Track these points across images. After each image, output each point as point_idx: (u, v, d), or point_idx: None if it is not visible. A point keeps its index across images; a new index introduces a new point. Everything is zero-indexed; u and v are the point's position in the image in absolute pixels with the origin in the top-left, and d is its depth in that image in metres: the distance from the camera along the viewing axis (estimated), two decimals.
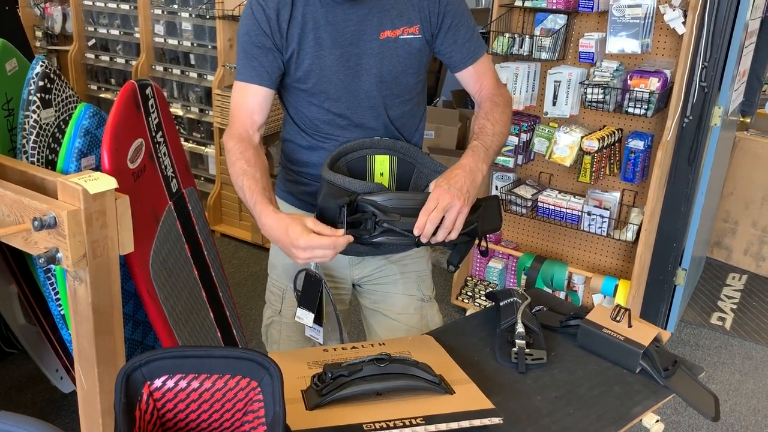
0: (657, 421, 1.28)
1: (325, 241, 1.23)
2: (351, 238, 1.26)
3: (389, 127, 1.51)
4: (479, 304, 3.08)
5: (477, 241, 1.42)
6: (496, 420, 1.11)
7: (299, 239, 1.23)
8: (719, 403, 1.33)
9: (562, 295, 2.92)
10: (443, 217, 1.28)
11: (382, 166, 1.46)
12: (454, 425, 1.07)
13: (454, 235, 1.31)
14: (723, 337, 3.12)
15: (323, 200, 1.35)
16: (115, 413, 0.91)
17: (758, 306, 3.41)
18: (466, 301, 3.15)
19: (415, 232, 1.27)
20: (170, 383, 0.95)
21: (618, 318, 1.42)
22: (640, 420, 1.26)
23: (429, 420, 1.07)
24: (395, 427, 1.05)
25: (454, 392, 1.17)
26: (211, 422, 0.98)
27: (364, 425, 1.05)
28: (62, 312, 1.64)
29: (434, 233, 1.29)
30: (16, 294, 2.14)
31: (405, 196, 1.32)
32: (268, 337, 1.72)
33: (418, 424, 1.06)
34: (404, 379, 1.15)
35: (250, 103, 1.44)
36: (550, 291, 2.86)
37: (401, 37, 1.44)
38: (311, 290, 1.49)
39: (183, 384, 0.95)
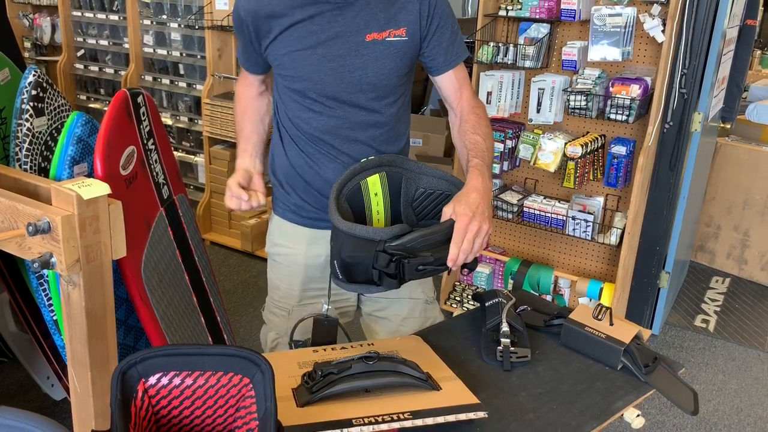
0: (638, 415, 1.32)
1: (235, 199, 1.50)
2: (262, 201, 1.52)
3: (375, 131, 1.54)
4: (467, 308, 3.12)
5: None
6: (481, 414, 1.14)
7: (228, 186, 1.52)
8: (698, 397, 1.37)
9: (548, 298, 2.96)
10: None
11: (374, 186, 1.47)
12: (440, 419, 1.10)
13: (478, 254, 1.32)
14: (706, 338, 3.17)
15: (351, 256, 1.30)
16: (111, 410, 0.93)
17: (741, 308, 3.48)
18: (455, 305, 3.18)
19: (449, 265, 1.27)
20: (164, 380, 0.97)
21: (600, 317, 1.46)
22: (622, 414, 1.30)
23: (416, 414, 1.10)
24: (383, 421, 1.08)
25: (441, 388, 1.21)
26: (204, 418, 1.00)
27: (353, 420, 1.08)
28: (55, 318, 1.65)
29: None
30: (7, 301, 2.15)
31: (431, 232, 1.29)
32: None
33: (405, 419, 1.09)
34: (392, 376, 1.18)
35: (248, 79, 1.66)
36: (541, 296, 2.90)
37: (387, 39, 1.46)
38: (324, 334, 1.47)
39: (177, 381, 0.98)
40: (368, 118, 1.52)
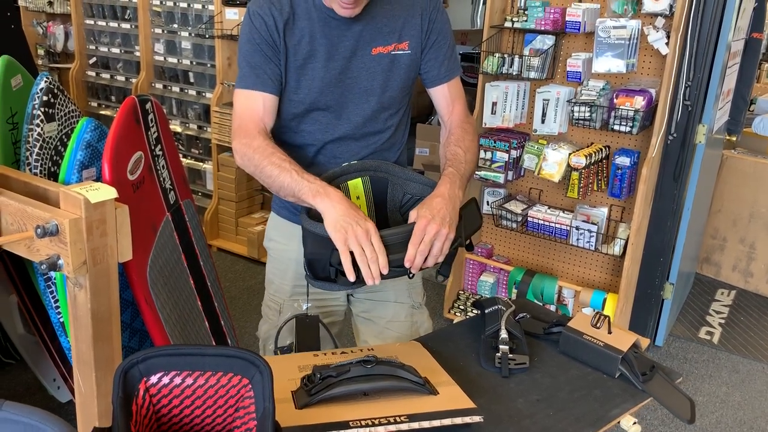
0: (634, 423, 1.33)
1: (381, 247, 1.25)
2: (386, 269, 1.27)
3: (376, 140, 1.56)
4: (470, 317, 3.12)
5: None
6: (476, 418, 1.16)
7: (367, 222, 1.25)
8: (695, 406, 1.38)
9: (552, 308, 2.97)
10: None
11: (356, 189, 1.49)
12: (436, 423, 1.12)
13: (441, 259, 1.34)
14: (711, 350, 3.16)
15: (311, 252, 1.33)
16: (112, 407, 0.95)
17: (746, 321, 3.47)
18: (458, 314, 3.19)
19: (406, 265, 1.29)
20: (165, 380, 0.99)
21: (598, 325, 1.47)
22: (618, 422, 1.31)
23: (412, 418, 1.12)
24: (380, 424, 1.09)
25: (438, 393, 1.22)
26: (204, 417, 1.02)
27: (350, 422, 1.10)
28: (61, 320, 1.68)
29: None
30: (15, 303, 2.18)
31: (390, 233, 1.30)
32: (266, 351, 1.76)
33: (402, 422, 1.10)
34: (390, 380, 1.19)
35: (258, 107, 1.44)
36: (540, 304, 2.90)
37: (392, 53, 1.50)
38: (307, 332, 1.50)
39: (178, 381, 1.00)
40: (371, 128, 1.55)
